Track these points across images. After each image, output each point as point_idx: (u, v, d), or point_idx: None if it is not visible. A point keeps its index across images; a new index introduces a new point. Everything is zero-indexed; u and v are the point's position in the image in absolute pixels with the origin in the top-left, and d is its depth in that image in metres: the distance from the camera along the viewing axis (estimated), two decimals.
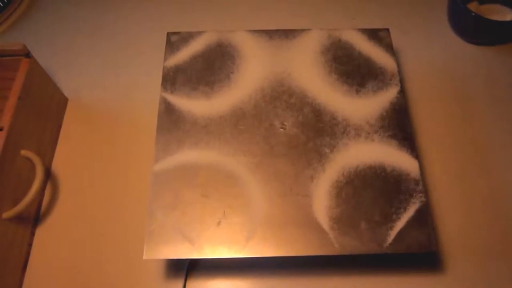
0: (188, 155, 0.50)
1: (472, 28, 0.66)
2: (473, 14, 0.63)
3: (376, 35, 0.59)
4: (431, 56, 0.67)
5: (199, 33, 0.59)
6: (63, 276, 0.51)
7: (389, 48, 0.57)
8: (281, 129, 0.51)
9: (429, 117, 0.61)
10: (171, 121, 0.52)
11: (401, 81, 0.55)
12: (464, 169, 0.57)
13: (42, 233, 0.53)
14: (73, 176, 0.57)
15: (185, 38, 0.59)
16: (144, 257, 0.44)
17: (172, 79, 0.55)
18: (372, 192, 0.47)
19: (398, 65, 0.56)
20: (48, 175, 0.57)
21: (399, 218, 0.46)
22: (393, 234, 0.45)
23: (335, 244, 0.44)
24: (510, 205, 0.54)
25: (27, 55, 0.54)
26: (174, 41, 0.58)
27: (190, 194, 0.47)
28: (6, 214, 0.47)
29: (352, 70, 0.56)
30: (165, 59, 0.57)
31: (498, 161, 0.58)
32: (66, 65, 0.67)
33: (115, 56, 0.68)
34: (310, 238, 0.45)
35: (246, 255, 0.44)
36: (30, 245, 0.52)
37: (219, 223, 0.46)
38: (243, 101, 0.54)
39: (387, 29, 0.59)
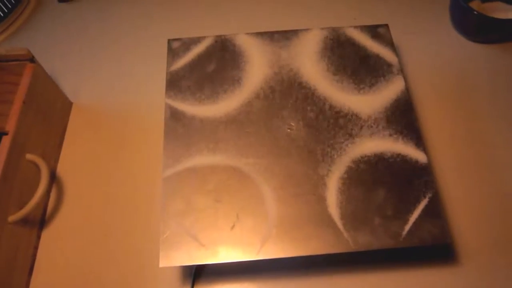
0: (197, 160, 0.50)
1: (474, 26, 0.66)
2: (475, 12, 0.63)
3: (376, 32, 0.59)
4: (433, 54, 0.67)
5: (200, 38, 0.59)
6: (69, 279, 0.51)
7: (390, 43, 0.58)
8: (288, 130, 0.51)
9: (431, 115, 0.61)
10: (177, 127, 0.52)
11: (404, 77, 0.55)
12: (470, 164, 0.57)
13: (48, 236, 0.54)
14: (78, 179, 0.58)
15: (187, 43, 0.59)
16: (160, 265, 0.44)
17: (176, 85, 0.55)
18: (383, 187, 0.47)
19: (401, 63, 0.56)
20: (53, 178, 0.58)
21: (411, 211, 0.46)
22: (406, 228, 0.45)
23: (349, 241, 0.44)
24: None
25: (32, 60, 0.54)
26: (175, 48, 0.58)
27: (202, 200, 0.47)
28: (12, 218, 0.47)
29: (355, 66, 0.56)
30: (167, 66, 0.57)
31: (503, 155, 0.58)
32: (70, 69, 0.68)
33: (119, 61, 0.69)
34: (325, 237, 0.45)
35: (262, 257, 0.44)
36: (36, 248, 0.53)
37: (233, 227, 0.46)
38: (249, 103, 0.54)
39: (386, 25, 0.59)
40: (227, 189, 0.48)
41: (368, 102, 0.53)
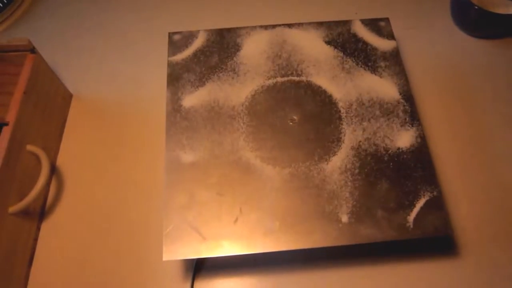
0: (199, 153, 0.50)
1: (475, 21, 0.66)
2: (476, 7, 0.63)
3: (377, 25, 0.59)
4: (433, 49, 0.68)
5: (201, 31, 0.59)
6: (69, 270, 0.51)
7: (390, 36, 0.58)
8: (291, 123, 0.51)
9: (431, 108, 0.61)
10: (179, 120, 0.52)
11: (404, 71, 0.55)
12: (470, 157, 0.58)
13: (47, 227, 0.54)
14: (78, 171, 0.57)
15: (187, 36, 0.59)
16: (164, 258, 0.44)
17: (177, 77, 0.55)
18: (386, 179, 0.48)
19: (401, 57, 0.57)
20: (53, 170, 0.57)
21: (414, 204, 0.46)
22: (409, 220, 0.45)
23: (352, 233, 0.45)
24: None
25: (32, 50, 0.54)
26: (176, 40, 0.58)
27: (205, 193, 0.47)
28: (12, 209, 0.47)
29: (356, 59, 0.56)
30: (168, 59, 0.57)
31: (503, 148, 0.58)
32: (70, 61, 0.68)
33: (120, 53, 0.68)
34: (328, 230, 0.45)
35: (265, 250, 0.44)
36: (35, 240, 0.52)
37: (236, 220, 0.46)
38: (250, 96, 0.54)
39: (387, 18, 0.60)
40: (230, 182, 0.48)
41: (370, 95, 0.53)
